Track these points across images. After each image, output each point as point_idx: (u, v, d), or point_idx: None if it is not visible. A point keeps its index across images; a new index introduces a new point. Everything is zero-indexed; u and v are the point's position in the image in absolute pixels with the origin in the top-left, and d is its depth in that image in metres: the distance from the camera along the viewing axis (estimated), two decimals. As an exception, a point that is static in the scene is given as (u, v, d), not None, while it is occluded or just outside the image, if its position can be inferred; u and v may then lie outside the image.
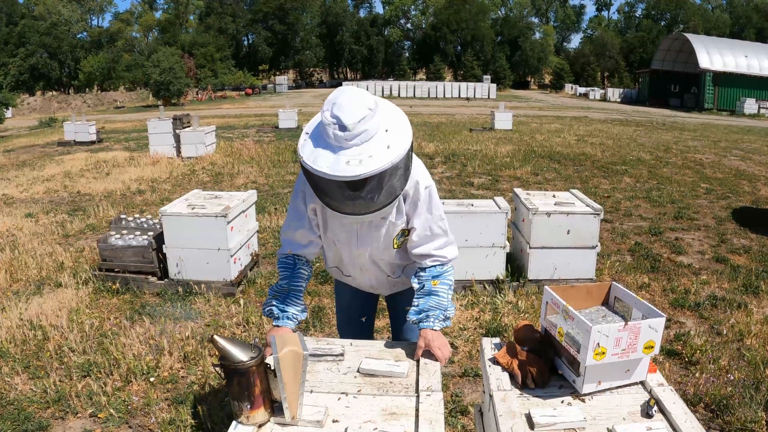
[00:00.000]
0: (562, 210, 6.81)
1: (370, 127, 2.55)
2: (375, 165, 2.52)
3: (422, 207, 2.97)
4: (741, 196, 12.60)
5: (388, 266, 3.22)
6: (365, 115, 2.54)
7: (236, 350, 2.28)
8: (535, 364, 2.59)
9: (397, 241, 3.05)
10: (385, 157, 2.55)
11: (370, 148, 2.55)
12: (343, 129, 2.52)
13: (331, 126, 2.54)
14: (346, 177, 2.51)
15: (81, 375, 5.11)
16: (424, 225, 2.99)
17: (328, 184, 2.64)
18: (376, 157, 2.54)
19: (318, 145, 2.62)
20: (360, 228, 3.01)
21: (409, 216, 3.00)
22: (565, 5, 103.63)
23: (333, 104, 2.59)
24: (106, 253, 7.22)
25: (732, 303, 6.69)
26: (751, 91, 46.69)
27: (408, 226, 3.02)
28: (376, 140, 2.57)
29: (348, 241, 3.07)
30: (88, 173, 15.44)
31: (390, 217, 2.96)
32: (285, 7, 77.85)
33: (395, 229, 3.01)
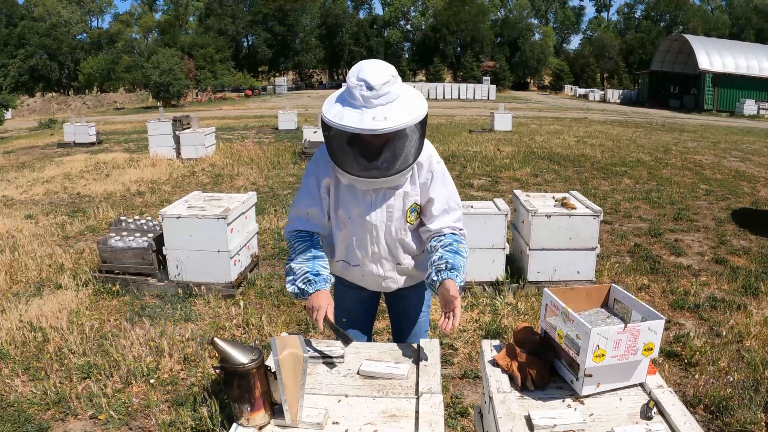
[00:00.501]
0: (562, 210, 6.82)
1: (392, 90, 2.77)
2: (399, 121, 2.74)
3: (438, 180, 3.12)
4: (740, 198, 12.61)
5: (400, 249, 3.23)
6: (389, 79, 2.76)
7: (236, 352, 2.29)
8: (534, 366, 2.59)
9: (411, 215, 3.14)
10: (407, 116, 2.77)
11: (394, 107, 2.77)
12: (369, 89, 2.73)
13: (357, 88, 2.75)
14: (372, 130, 2.71)
15: (81, 377, 5.12)
16: (442, 199, 3.13)
17: (350, 146, 2.87)
18: (399, 115, 2.75)
19: (344, 106, 2.82)
20: (374, 199, 3.07)
21: (423, 189, 3.11)
22: (565, 6, 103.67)
23: (358, 71, 2.80)
24: (106, 254, 7.22)
25: (731, 304, 6.69)
26: (750, 92, 46.66)
27: (421, 200, 3.13)
28: (398, 102, 2.79)
29: (361, 217, 3.10)
30: (87, 175, 15.45)
31: (404, 187, 3.07)
32: (284, 8, 77.83)
33: (408, 201, 3.10)
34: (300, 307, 6.62)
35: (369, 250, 3.20)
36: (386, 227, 3.13)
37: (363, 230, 3.15)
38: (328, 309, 2.95)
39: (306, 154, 17.10)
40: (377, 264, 3.25)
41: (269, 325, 6.09)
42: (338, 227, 3.21)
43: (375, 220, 3.10)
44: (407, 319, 3.53)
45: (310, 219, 3.17)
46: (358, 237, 3.18)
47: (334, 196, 3.14)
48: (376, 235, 3.15)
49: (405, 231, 3.18)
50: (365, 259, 3.24)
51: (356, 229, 3.16)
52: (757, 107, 43.91)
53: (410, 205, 3.11)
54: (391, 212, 3.10)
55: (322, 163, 3.11)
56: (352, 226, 3.15)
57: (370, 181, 2.94)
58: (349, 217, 3.13)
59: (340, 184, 3.09)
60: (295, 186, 13.31)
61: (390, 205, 3.09)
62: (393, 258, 3.25)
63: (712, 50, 49.15)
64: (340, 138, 2.87)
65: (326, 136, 2.94)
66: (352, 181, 3.00)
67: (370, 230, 3.13)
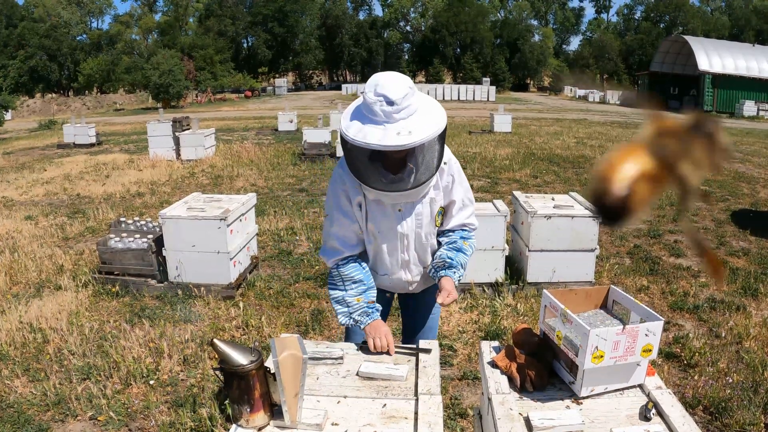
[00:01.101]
0: (562, 213, 6.82)
1: (412, 102, 2.78)
2: (424, 134, 2.75)
3: (457, 180, 3.20)
4: (740, 199, 12.62)
5: (429, 252, 3.32)
6: (407, 92, 2.76)
7: (236, 354, 2.29)
8: (533, 367, 2.59)
9: (438, 218, 3.24)
10: (431, 129, 2.79)
11: (415, 120, 2.78)
12: (390, 104, 2.73)
13: (377, 104, 2.74)
14: (399, 146, 2.73)
15: (81, 378, 5.12)
16: (460, 197, 3.25)
17: (372, 161, 2.91)
18: (422, 128, 2.76)
19: (365, 123, 2.80)
20: (403, 210, 3.12)
21: (446, 191, 3.20)
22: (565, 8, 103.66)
23: (375, 85, 2.79)
24: (105, 255, 7.23)
25: (731, 305, 6.70)
26: (750, 94, 46.62)
27: (445, 202, 3.23)
28: (419, 114, 2.81)
29: (392, 229, 3.16)
30: (87, 176, 15.45)
31: (430, 193, 3.13)
32: (284, 9, 77.83)
33: (435, 206, 3.18)
34: (299, 309, 6.64)
35: (399, 258, 3.26)
36: (416, 234, 3.20)
37: (394, 241, 3.20)
38: (388, 336, 3.00)
39: (305, 156, 17.11)
40: (405, 270, 3.31)
41: (269, 326, 6.10)
42: (369, 241, 3.24)
43: (406, 230, 3.17)
44: (420, 317, 3.59)
45: (351, 241, 3.21)
46: (389, 247, 3.22)
47: (364, 211, 3.15)
48: (407, 244, 3.22)
49: (432, 234, 3.27)
50: (395, 267, 3.29)
51: (387, 241, 3.20)
52: (757, 108, 43.86)
53: (437, 210, 3.20)
54: (421, 220, 3.17)
55: (348, 181, 3.08)
56: (381, 238, 3.19)
57: (395, 194, 2.97)
58: (379, 231, 3.17)
59: (368, 198, 3.10)
60: (294, 187, 13.32)
61: (419, 214, 3.15)
62: (421, 263, 3.33)
63: (712, 51, 49.13)
64: (362, 155, 2.90)
65: (347, 153, 2.94)
66: (378, 196, 3.03)
67: (401, 239, 3.20)
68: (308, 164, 16.39)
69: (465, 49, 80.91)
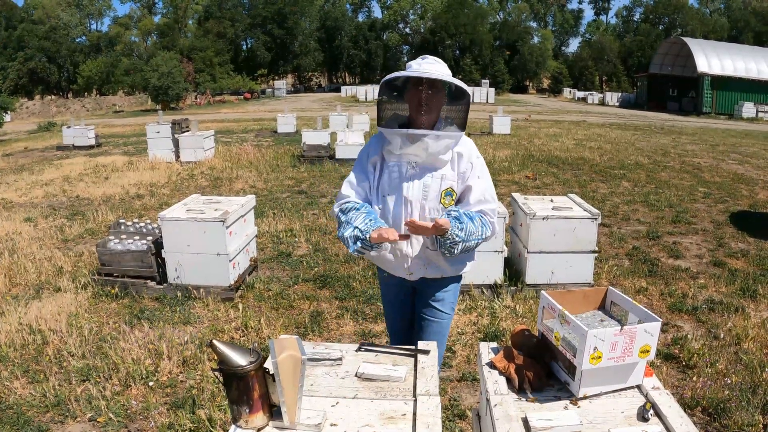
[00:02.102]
0: (560, 215, 6.83)
1: (443, 66, 3.37)
2: (443, 75, 3.29)
3: (476, 172, 3.44)
4: (739, 200, 12.63)
5: None
6: (441, 62, 3.39)
7: (235, 355, 2.30)
8: (531, 368, 2.60)
9: (446, 199, 3.42)
10: (451, 77, 3.31)
11: (441, 71, 3.33)
12: (423, 58, 3.36)
13: (414, 61, 3.38)
14: (421, 74, 3.26)
15: (80, 379, 5.13)
16: (479, 189, 3.44)
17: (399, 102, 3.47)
18: (444, 74, 3.31)
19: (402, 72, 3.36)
20: (413, 177, 3.40)
21: (462, 177, 3.43)
22: (564, 10, 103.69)
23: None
24: (105, 257, 7.23)
25: (729, 307, 6.71)
26: (749, 95, 46.68)
27: (458, 188, 3.44)
28: (446, 73, 3.34)
29: (399, 193, 3.42)
30: (87, 178, 15.45)
31: (443, 170, 3.41)
32: (284, 11, 77.80)
33: (445, 183, 3.40)
34: (298, 310, 6.64)
35: (402, 227, 3.39)
36: (421, 205, 3.40)
37: (399, 206, 3.42)
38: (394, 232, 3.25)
39: (305, 157, 17.13)
40: (407, 242, 3.45)
41: (268, 327, 6.10)
42: (377, 202, 3.49)
43: (411, 196, 3.40)
44: (430, 314, 3.66)
45: (360, 193, 3.50)
46: (395, 213, 3.43)
47: (379, 171, 3.49)
48: (410, 212, 3.41)
49: (438, 212, 3.41)
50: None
51: (394, 204, 3.43)
52: (756, 110, 43.93)
53: (446, 188, 3.40)
54: (427, 192, 3.39)
55: (372, 142, 3.55)
56: (390, 201, 3.44)
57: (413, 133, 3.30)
58: (388, 191, 3.44)
59: (386, 163, 3.46)
60: (293, 189, 13.34)
61: (426, 185, 3.39)
62: (424, 239, 3.45)
63: (711, 53, 49.17)
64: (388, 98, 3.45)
65: (380, 102, 3.42)
66: (399, 149, 3.37)
67: (406, 205, 3.41)
68: (307, 166, 16.39)
69: (464, 51, 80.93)
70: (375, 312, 6.52)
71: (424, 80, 3.28)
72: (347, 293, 7.10)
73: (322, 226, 9.98)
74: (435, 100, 3.31)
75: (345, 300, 6.93)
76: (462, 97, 3.38)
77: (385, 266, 3.63)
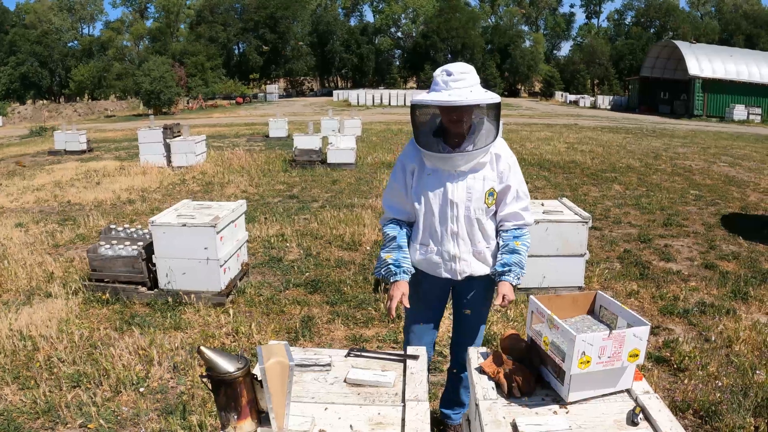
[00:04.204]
0: (551, 218, 6.83)
1: (469, 78, 3.32)
2: (472, 99, 3.27)
3: (513, 171, 3.57)
4: (730, 203, 12.67)
5: (477, 230, 3.56)
6: (468, 70, 3.35)
7: (223, 361, 2.29)
8: (520, 373, 2.60)
9: (489, 199, 3.52)
10: (479, 97, 3.30)
11: (468, 90, 3.29)
12: (449, 74, 3.30)
13: (440, 75, 3.33)
14: (448, 102, 3.25)
15: (71, 385, 5.10)
16: (515, 187, 3.56)
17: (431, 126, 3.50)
18: (471, 95, 3.28)
19: (429, 92, 3.36)
20: (456, 179, 3.47)
21: (502, 177, 3.53)
22: (555, 13, 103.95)
23: (446, 65, 3.39)
24: (95, 263, 7.21)
25: (721, 309, 6.71)
26: (740, 98, 46.87)
27: (498, 187, 3.53)
28: (473, 88, 3.32)
29: (444, 195, 3.49)
30: (78, 183, 15.41)
31: (483, 171, 3.49)
32: (276, 15, 77.87)
33: (487, 185, 3.50)
34: (289, 315, 6.64)
35: (448, 227, 3.52)
36: (466, 206, 3.49)
37: (445, 207, 3.50)
38: (402, 298, 3.46)
39: (296, 162, 17.13)
40: (455, 242, 3.54)
41: (259, 333, 6.09)
42: (420, 205, 3.55)
43: (456, 198, 3.47)
44: (472, 307, 3.76)
45: (399, 206, 3.65)
46: (441, 214, 3.51)
47: (418, 177, 3.54)
48: (456, 214, 3.50)
49: (482, 212, 3.53)
50: (444, 237, 3.55)
51: (439, 207, 3.51)
52: (747, 112, 44.13)
53: (489, 189, 3.50)
54: (471, 193, 3.48)
55: (408, 150, 3.60)
56: (434, 204, 3.52)
57: (448, 156, 3.40)
58: (432, 195, 3.51)
59: (425, 167, 3.51)
60: (284, 194, 13.33)
61: (470, 186, 3.47)
62: (470, 239, 3.56)
63: (702, 56, 49.36)
64: (420, 119, 3.49)
65: (413, 120, 3.49)
66: (436, 164, 3.46)
67: (451, 207, 3.49)
68: (299, 171, 16.39)
69: (456, 55, 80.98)
70: (366, 317, 6.51)
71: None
72: (338, 298, 7.09)
73: (314, 231, 9.97)
74: (466, 115, 3.36)
75: (336, 305, 6.92)
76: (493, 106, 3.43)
77: (429, 270, 3.67)
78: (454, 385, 4.06)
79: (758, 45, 75.46)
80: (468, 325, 3.81)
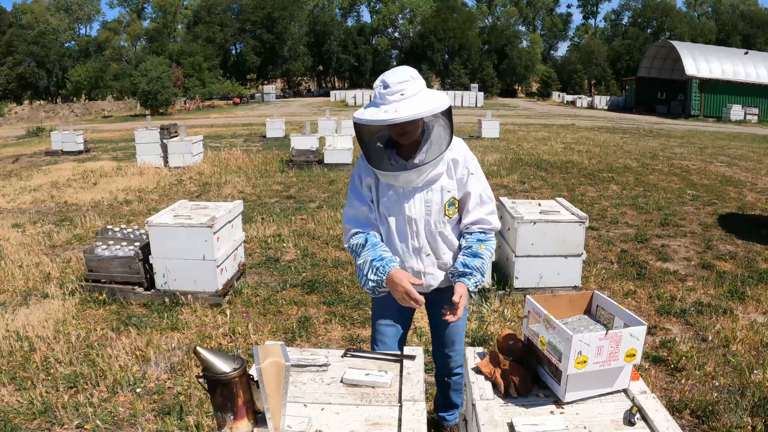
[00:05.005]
0: (548, 219, 6.83)
1: (408, 88, 3.03)
2: (406, 113, 2.95)
3: (473, 175, 3.36)
4: (727, 203, 12.68)
5: (440, 243, 3.40)
6: (406, 79, 3.04)
7: (219, 361, 2.29)
8: (517, 373, 2.60)
9: (449, 209, 3.34)
10: (416, 109, 2.98)
11: (407, 102, 3.00)
12: (385, 87, 3.02)
13: (377, 88, 3.06)
14: (379, 121, 2.99)
15: (67, 386, 5.09)
16: (476, 192, 3.36)
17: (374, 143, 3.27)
18: (408, 108, 2.98)
19: (368, 107, 3.11)
20: (413, 194, 3.29)
21: (460, 184, 3.34)
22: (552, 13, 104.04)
23: (383, 74, 3.10)
24: (92, 263, 7.20)
25: (718, 309, 6.72)
26: (737, 98, 46.95)
27: (459, 195, 3.35)
28: (413, 99, 3.03)
29: (401, 212, 3.31)
30: (75, 183, 15.40)
31: (440, 181, 3.30)
32: (273, 16, 77.88)
33: (446, 195, 3.31)
34: (286, 316, 6.63)
35: (410, 244, 3.37)
36: (425, 221, 3.32)
37: (403, 224, 3.33)
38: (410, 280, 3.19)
39: (293, 162, 17.12)
40: (417, 258, 3.40)
41: (255, 333, 6.08)
42: (381, 223, 3.39)
43: (414, 214, 3.30)
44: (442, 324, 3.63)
45: (361, 219, 3.39)
46: (400, 231, 3.35)
47: (375, 193, 3.36)
48: (416, 229, 3.34)
49: (444, 224, 3.36)
50: (406, 254, 3.39)
51: (397, 223, 3.34)
52: (744, 112, 44.19)
53: (448, 200, 3.32)
54: (430, 206, 3.30)
55: (362, 164, 3.37)
56: (393, 221, 3.34)
57: (394, 174, 3.20)
58: (389, 212, 3.33)
59: (381, 183, 3.32)
60: (282, 194, 13.33)
61: (428, 200, 3.29)
62: (433, 252, 3.41)
63: (699, 56, 49.43)
64: (365, 135, 3.27)
65: (358, 138, 3.28)
66: (389, 181, 3.26)
67: (410, 224, 3.32)
68: (296, 171, 16.39)
69: (453, 55, 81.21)
70: (363, 317, 6.50)
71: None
72: (335, 298, 7.09)
73: (311, 231, 9.97)
74: (412, 127, 3.11)
75: (333, 305, 6.92)
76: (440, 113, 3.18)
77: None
78: (443, 390, 3.98)
79: (755, 45, 75.66)
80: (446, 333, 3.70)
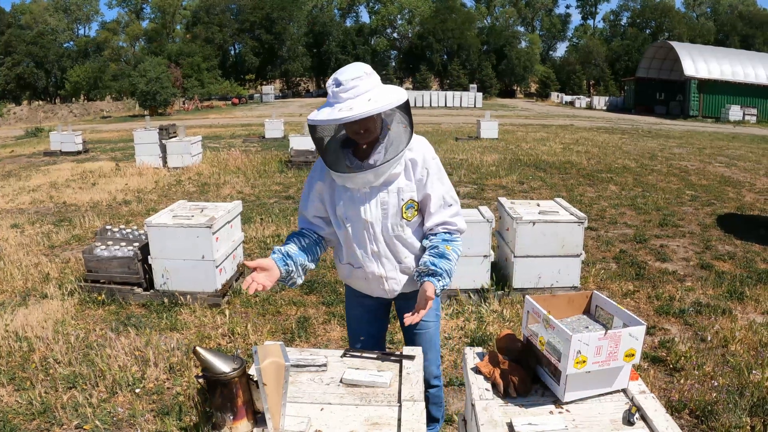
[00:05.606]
0: (547, 219, 6.83)
1: (361, 85, 2.90)
2: (359, 111, 2.83)
3: (433, 177, 3.20)
4: (726, 203, 12.68)
5: (400, 246, 3.28)
6: (359, 75, 2.91)
7: (218, 361, 2.29)
8: (516, 373, 2.60)
9: (407, 212, 3.20)
10: (370, 106, 2.85)
11: (360, 99, 2.88)
12: (338, 85, 2.89)
13: (330, 87, 2.93)
14: (330, 121, 2.88)
15: (66, 387, 5.09)
16: (438, 195, 3.22)
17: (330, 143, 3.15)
18: (361, 105, 2.85)
19: (323, 108, 2.97)
20: (368, 196, 3.16)
21: (420, 185, 3.20)
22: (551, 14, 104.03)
23: (336, 72, 2.97)
24: (91, 264, 7.20)
25: (716, 309, 6.72)
26: (735, 98, 46.95)
27: (418, 197, 3.21)
28: (367, 95, 2.91)
29: (357, 215, 3.18)
30: (74, 183, 15.39)
31: (397, 182, 3.16)
32: (272, 16, 77.82)
33: (404, 197, 3.17)
34: (285, 316, 6.63)
35: (368, 248, 3.25)
36: (382, 224, 3.20)
37: (360, 228, 3.20)
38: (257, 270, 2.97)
39: (292, 163, 17.10)
40: (378, 263, 3.29)
41: (255, 334, 6.08)
42: (339, 227, 3.28)
43: (370, 217, 3.17)
44: (417, 326, 3.51)
45: (308, 217, 3.36)
46: (357, 235, 3.24)
47: (330, 197, 3.25)
48: (373, 233, 3.21)
49: (402, 228, 3.23)
50: (365, 259, 3.28)
51: (354, 228, 3.22)
52: (743, 113, 44.20)
53: (406, 201, 3.18)
54: (386, 209, 3.17)
55: (317, 167, 3.28)
56: (350, 225, 3.22)
57: (349, 176, 3.07)
58: (346, 216, 3.21)
59: (336, 184, 3.19)
60: (281, 194, 13.33)
61: (384, 202, 3.16)
62: (394, 256, 3.29)
63: (698, 57, 49.43)
64: (319, 135, 3.14)
65: (313, 139, 3.15)
66: (345, 182, 3.12)
67: (367, 228, 3.19)
68: (295, 171, 16.38)
69: (452, 56, 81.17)
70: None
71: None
72: (334, 298, 7.09)
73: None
74: (369, 123, 2.99)
75: (332, 305, 6.92)
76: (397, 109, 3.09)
77: (360, 288, 3.49)
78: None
79: (754, 46, 75.65)
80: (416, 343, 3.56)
